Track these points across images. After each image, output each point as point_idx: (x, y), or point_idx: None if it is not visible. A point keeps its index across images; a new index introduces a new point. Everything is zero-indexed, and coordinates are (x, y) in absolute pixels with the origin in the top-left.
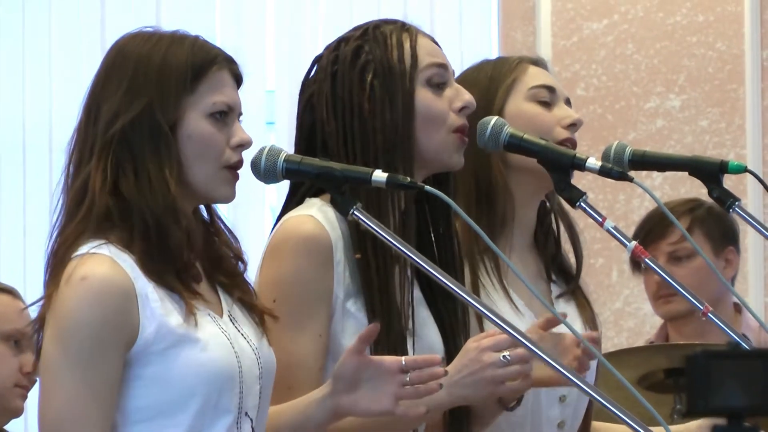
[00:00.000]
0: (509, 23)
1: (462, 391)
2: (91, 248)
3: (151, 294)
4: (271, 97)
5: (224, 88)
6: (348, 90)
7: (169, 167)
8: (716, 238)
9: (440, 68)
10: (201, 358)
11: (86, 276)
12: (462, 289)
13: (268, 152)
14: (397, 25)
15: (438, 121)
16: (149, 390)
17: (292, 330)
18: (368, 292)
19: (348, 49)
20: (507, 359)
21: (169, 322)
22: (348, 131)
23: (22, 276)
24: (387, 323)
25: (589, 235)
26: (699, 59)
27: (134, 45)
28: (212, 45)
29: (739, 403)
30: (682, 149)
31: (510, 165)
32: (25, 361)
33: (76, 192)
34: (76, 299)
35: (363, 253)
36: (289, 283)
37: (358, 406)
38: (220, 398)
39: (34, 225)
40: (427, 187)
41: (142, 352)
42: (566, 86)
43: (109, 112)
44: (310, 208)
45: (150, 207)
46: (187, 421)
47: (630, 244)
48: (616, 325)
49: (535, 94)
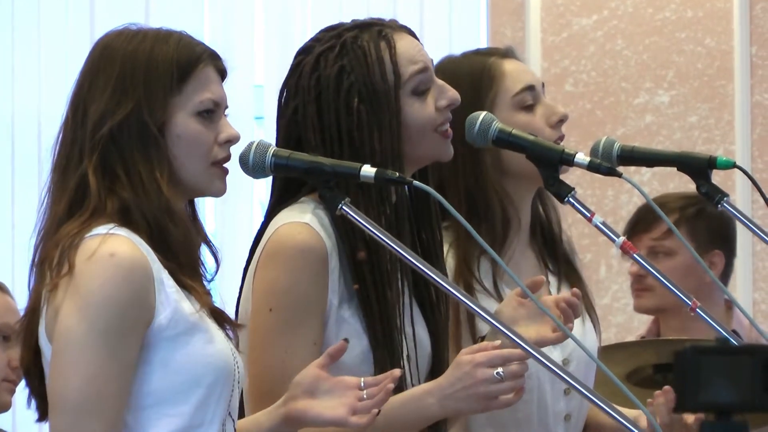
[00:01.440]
0: (498, 19)
1: (455, 404)
2: (108, 229)
3: (167, 280)
4: (260, 92)
5: (210, 85)
6: (335, 118)
7: (159, 169)
8: (701, 239)
9: (422, 74)
10: (209, 349)
11: (114, 253)
12: (453, 286)
13: (256, 147)
14: (373, 33)
15: (425, 127)
16: (155, 375)
17: (287, 339)
18: (363, 292)
19: (330, 72)
20: (501, 376)
21: (183, 308)
22: (338, 158)
23: (10, 272)
24: (384, 322)
25: (577, 231)
26: (688, 55)
27: (119, 43)
28: (197, 41)
29: (727, 400)
30: (671, 145)
31: (504, 172)
32: (13, 355)
33: (72, 192)
34: (107, 275)
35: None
36: (285, 293)
37: (309, 412)
38: (222, 392)
39: (22, 221)
40: (416, 183)
41: (155, 336)
42: (555, 82)
43: (96, 114)
44: (304, 213)
45: (149, 209)
46: (188, 411)
47: (618, 240)
48: (605, 321)
49: (520, 101)
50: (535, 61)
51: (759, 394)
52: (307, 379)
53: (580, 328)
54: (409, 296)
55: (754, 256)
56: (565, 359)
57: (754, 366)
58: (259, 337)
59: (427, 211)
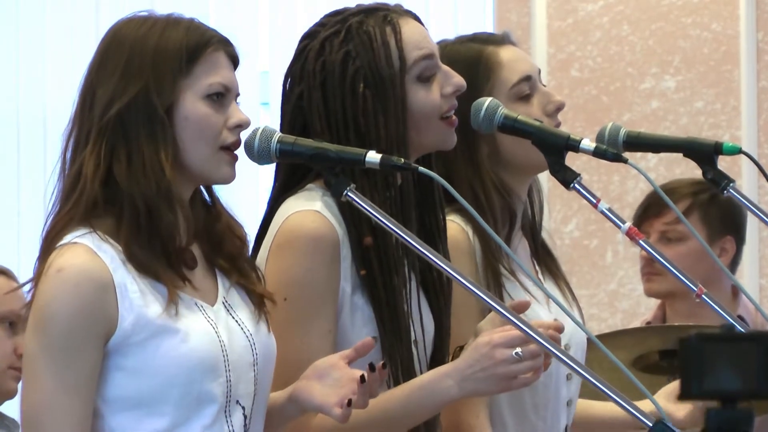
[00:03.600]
0: (504, 5)
1: (474, 385)
2: (74, 237)
3: (131, 285)
4: (266, 78)
5: (220, 69)
6: (341, 104)
7: (164, 151)
8: (713, 224)
9: (428, 59)
10: (180, 349)
11: (62, 268)
12: (457, 271)
13: (261, 133)
14: (378, 17)
15: (430, 114)
16: (130, 380)
17: (302, 328)
18: (370, 278)
19: (335, 57)
20: (519, 356)
21: (147, 313)
22: (343, 144)
23: (16, 259)
24: (392, 307)
25: (583, 217)
26: (694, 40)
27: (129, 29)
28: (207, 27)
29: (732, 387)
30: (677, 130)
31: (501, 162)
32: (19, 342)
33: (70, 178)
34: (52, 291)
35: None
36: (299, 282)
37: (303, 392)
38: (202, 387)
39: (28, 208)
40: (421, 168)
41: (121, 343)
42: (561, 67)
43: (104, 97)
44: (314, 201)
45: (142, 192)
46: (169, 410)
47: (624, 226)
48: (611, 306)
49: (517, 93)
50: (540, 46)
51: (764, 381)
52: (323, 364)
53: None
54: (415, 282)
55: (761, 242)
56: (566, 345)
57: (759, 353)
58: (274, 326)
59: (431, 197)
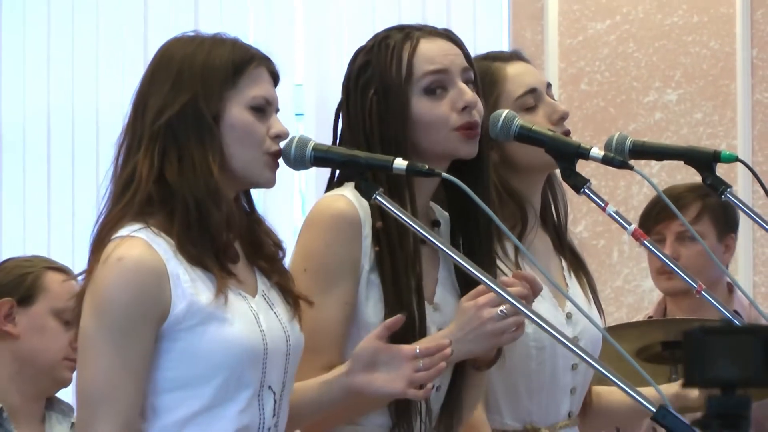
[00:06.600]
0: (519, 23)
1: (467, 346)
2: (130, 231)
3: (183, 275)
4: (300, 90)
5: (263, 83)
6: (354, 106)
7: (212, 154)
8: (722, 225)
9: (437, 74)
10: (227, 335)
11: (122, 257)
12: (472, 264)
13: (297, 141)
14: (402, 34)
15: (437, 125)
16: (178, 363)
17: (320, 297)
18: (382, 265)
19: (357, 64)
20: (504, 313)
21: (199, 300)
22: (359, 144)
23: (71, 258)
24: (398, 294)
25: (591, 219)
26: (694, 57)
27: (178, 47)
28: (250, 46)
29: (732, 375)
30: (678, 140)
31: (512, 167)
32: (74, 336)
33: (123, 180)
34: (112, 278)
35: (385, 226)
36: (320, 254)
37: (371, 385)
38: (243, 372)
39: (82, 210)
40: (444, 174)
41: (172, 327)
42: (572, 81)
43: (155, 106)
44: (344, 189)
45: (193, 191)
46: (209, 392)
47: (630, 227)
48: (617, 301)
49: (522, 104)
50: (552, 62)
51: (760, 370)
52: (366, 353)
53: (587, 311)
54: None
55: (755, 243)
56: (575, 336)
57: (756, 345)
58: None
59: (462, 207)
